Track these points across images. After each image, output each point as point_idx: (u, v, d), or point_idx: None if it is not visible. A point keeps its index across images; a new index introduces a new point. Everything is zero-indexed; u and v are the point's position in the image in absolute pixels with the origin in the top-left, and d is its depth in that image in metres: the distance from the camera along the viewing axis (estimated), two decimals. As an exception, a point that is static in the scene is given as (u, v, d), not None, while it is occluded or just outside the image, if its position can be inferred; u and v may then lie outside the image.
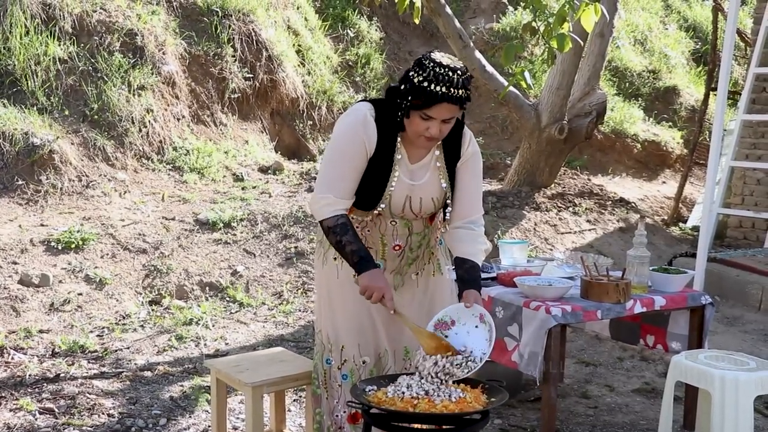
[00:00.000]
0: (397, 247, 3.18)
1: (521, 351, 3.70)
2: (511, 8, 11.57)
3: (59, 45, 7.72)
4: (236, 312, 6.06)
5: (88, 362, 5.03)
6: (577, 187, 9.17)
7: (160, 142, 7.92)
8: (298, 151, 9.34)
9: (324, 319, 3.25)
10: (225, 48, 8.83)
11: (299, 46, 9.86)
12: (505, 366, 3.94)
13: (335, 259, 3.19)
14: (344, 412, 3.22)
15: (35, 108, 7.31)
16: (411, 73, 2.95)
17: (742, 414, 3.44)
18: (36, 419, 4.22)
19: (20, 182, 6.78)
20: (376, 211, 3.10)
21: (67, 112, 7.48)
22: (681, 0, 14.38)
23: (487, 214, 7.67)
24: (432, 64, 2.93)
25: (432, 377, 2.84)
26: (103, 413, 4.32)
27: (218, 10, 8.95)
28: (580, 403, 4.78)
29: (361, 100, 3.15)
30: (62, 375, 4.79)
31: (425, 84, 2.90)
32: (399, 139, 3.09)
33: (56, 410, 4.31)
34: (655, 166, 11.30)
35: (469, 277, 3.10)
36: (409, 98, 2.93)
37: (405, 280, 3.26)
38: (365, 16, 10.98)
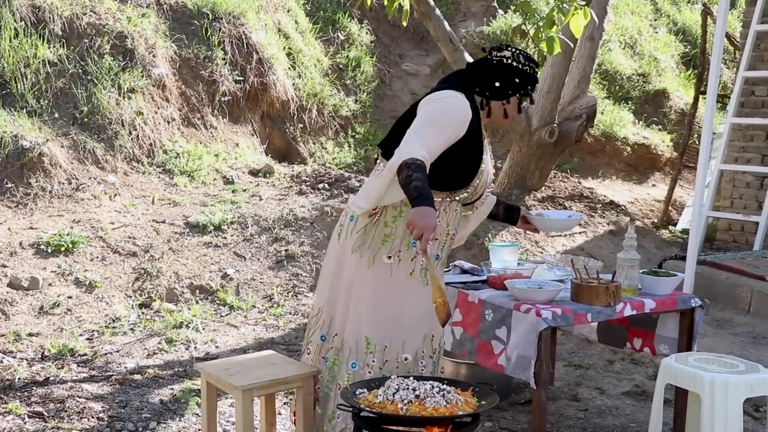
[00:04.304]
0: (452, 237, 3.45)
1: (508, 354, 3.70)
2: (501, 11, 11.59)
3: (49, 48, 7.70)
4: (226, 315, 6.06)
5: (78, 366, 5.02)
6: (567, 190, 9.18)
7: (150, 145, 7.91)
8: (289, 154, 9.34)
9: (363, 323, 3.30)
10: (215, 51, 8.83)
11: (290, 49, 9.86)
12: (490, 369, 3.94)
13: (389, 257, 3.29)
14: None
15: (25, 111, 7.30)
16: (524, 67, 3.40)
17: (731, 416, 3.45)
18: (25, 423, 4.20)
19: (9, 185, 6.76)
20: (469, 188, 3.37)
21: (56, 115, 7.46)
22: (670, 4, 14.42)
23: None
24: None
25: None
26: (92, 417, 4.30)
27: (208, 12, 8.95)
28: (571, 405, 4.79)
29: (445, 88, 3.39)
30: (51, 378, 4.77)
31: (533, 74, 3.41)
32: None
33: (45, 414, 4.30)
34: (645, 169, 11.33)
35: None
36: (529, 87, 3.41)
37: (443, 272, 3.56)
38: (356, 19, 10.98)
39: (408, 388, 2.82)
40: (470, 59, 7.70)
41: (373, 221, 3.31)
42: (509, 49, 3.42)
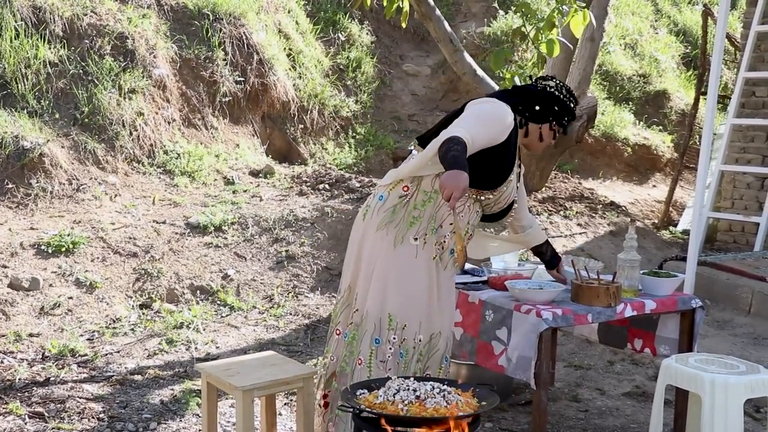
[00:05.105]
0: (470, 238, 3.63)
1: (509, 355, 3.70)
2: (501, 12, 11.59)
3: (50, 48, 7.71)
4: (227, 315, 6.06)
5: (78, 366, 5.02)
6: (567, 190, 9.18)
7: (151, 145, 7.91)
8: (289, 154, 9.34)
9: (386, 300, 3.43)
10: (216, 51, 8.83)
11: (290, 49, 9.86)
12: (491, 370, 3.95)
13: (416, 239, 3.44)
14: None
15: (25, 111, 7.30)
16: (566, 101, 3.63)
17: (732, 417, 3.45)
18: (26, 423, 4.20)
19: (10, 186, 6.76)
20: (496, 192, 3.52)
21: (57, 116, 7.46)
22: (671, 4, 14.43)
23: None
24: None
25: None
26: (93, 417, 4.31)
27: (209, 13, 8.95)
28: (571, 406, 4.79)
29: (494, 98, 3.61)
30: (52, 379, 4.77)
31: (572, 107, 3.64)
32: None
33: (46, 414, 4.30)
34: (646, 170, 11.33)
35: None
36: (567, 118, 3.64)
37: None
38: (356, 20, 10.99)
39: (408, 389, 2.82)
40: (470, 60, 7.72)
41: (403, 202, 3.46)
42: (553, 80, 3.68)
